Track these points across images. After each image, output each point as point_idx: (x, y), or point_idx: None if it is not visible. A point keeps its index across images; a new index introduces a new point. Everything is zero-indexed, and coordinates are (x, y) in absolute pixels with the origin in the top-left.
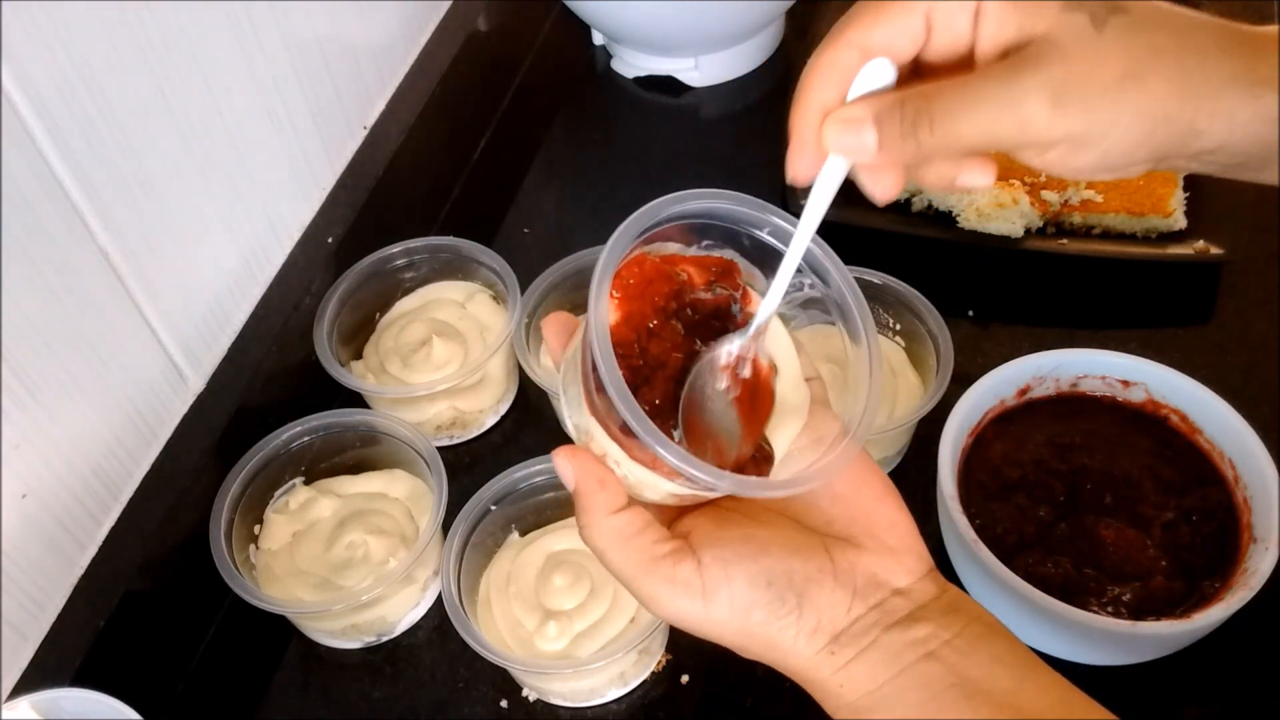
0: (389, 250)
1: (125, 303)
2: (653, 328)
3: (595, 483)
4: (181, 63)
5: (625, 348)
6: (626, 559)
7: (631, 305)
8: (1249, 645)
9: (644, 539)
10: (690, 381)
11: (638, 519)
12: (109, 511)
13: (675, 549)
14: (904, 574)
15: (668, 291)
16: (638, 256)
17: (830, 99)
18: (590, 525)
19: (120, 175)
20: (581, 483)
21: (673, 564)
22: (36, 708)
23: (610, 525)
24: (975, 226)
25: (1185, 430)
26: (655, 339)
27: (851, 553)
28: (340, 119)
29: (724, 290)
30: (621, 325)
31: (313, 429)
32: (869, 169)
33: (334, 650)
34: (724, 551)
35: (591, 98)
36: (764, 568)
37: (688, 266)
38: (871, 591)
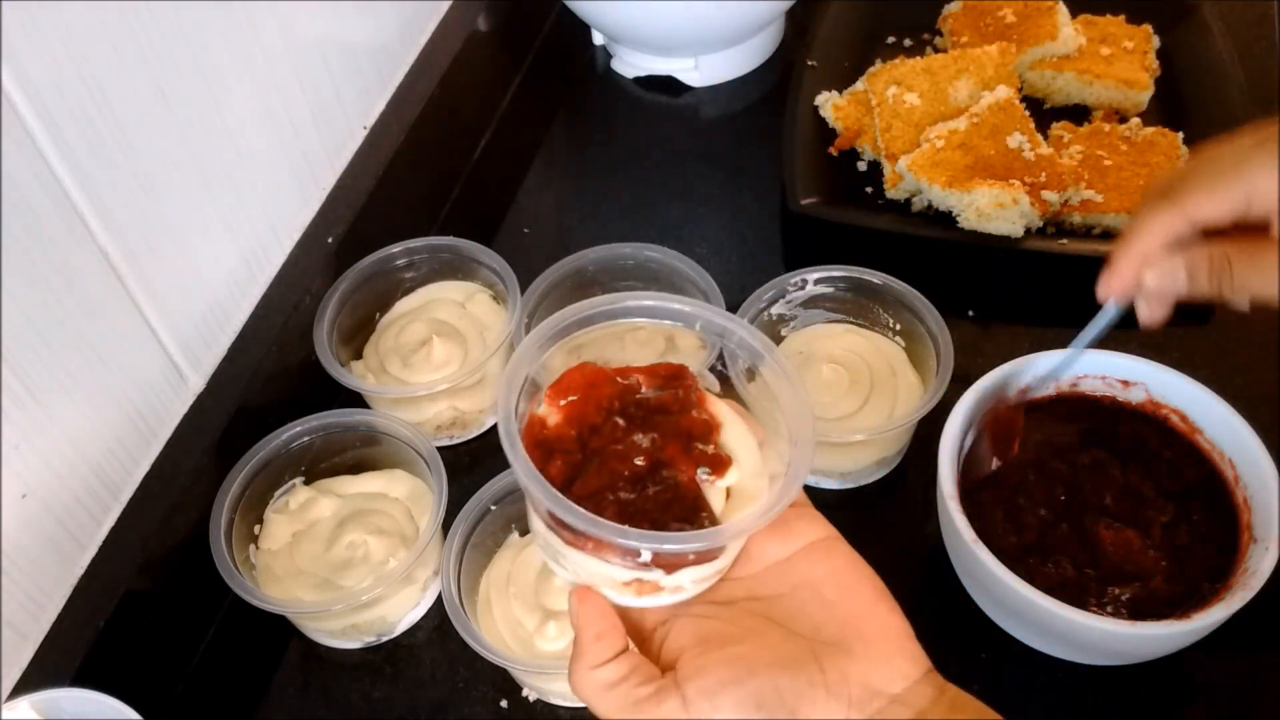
0: (389, 250)
1: (125, 303)
2: (594, 425)
3: (593, 636)
4: (181, 63)
5: (565, 443)
6: (610, 706)
7: (572, 407)
8: (1249, 645)
9: (626, 685)
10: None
11: (621, 666)
12: (109, 511)
13: (658, 689)
14: (899, 679)
15: (610, 394)
16: (579, 365)
17: (1149, 247)
18: (575, 674)
19: (120, 175)
20: (583, 632)
21: (656, 704)
22: (36, 708)
23: (594, 677)
24: (975, 226)
25: (1185, 430)
26: (596, 435)
27: (843, 659)
28: (340, 119)
29: (672, 387)
30: (562, 424)
31: (313, 429)
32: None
33: (334, 650)
34: (707, 681)
35: (591, 98)
36: (751, 690)
37: (638, 374)
38: (868, 701)
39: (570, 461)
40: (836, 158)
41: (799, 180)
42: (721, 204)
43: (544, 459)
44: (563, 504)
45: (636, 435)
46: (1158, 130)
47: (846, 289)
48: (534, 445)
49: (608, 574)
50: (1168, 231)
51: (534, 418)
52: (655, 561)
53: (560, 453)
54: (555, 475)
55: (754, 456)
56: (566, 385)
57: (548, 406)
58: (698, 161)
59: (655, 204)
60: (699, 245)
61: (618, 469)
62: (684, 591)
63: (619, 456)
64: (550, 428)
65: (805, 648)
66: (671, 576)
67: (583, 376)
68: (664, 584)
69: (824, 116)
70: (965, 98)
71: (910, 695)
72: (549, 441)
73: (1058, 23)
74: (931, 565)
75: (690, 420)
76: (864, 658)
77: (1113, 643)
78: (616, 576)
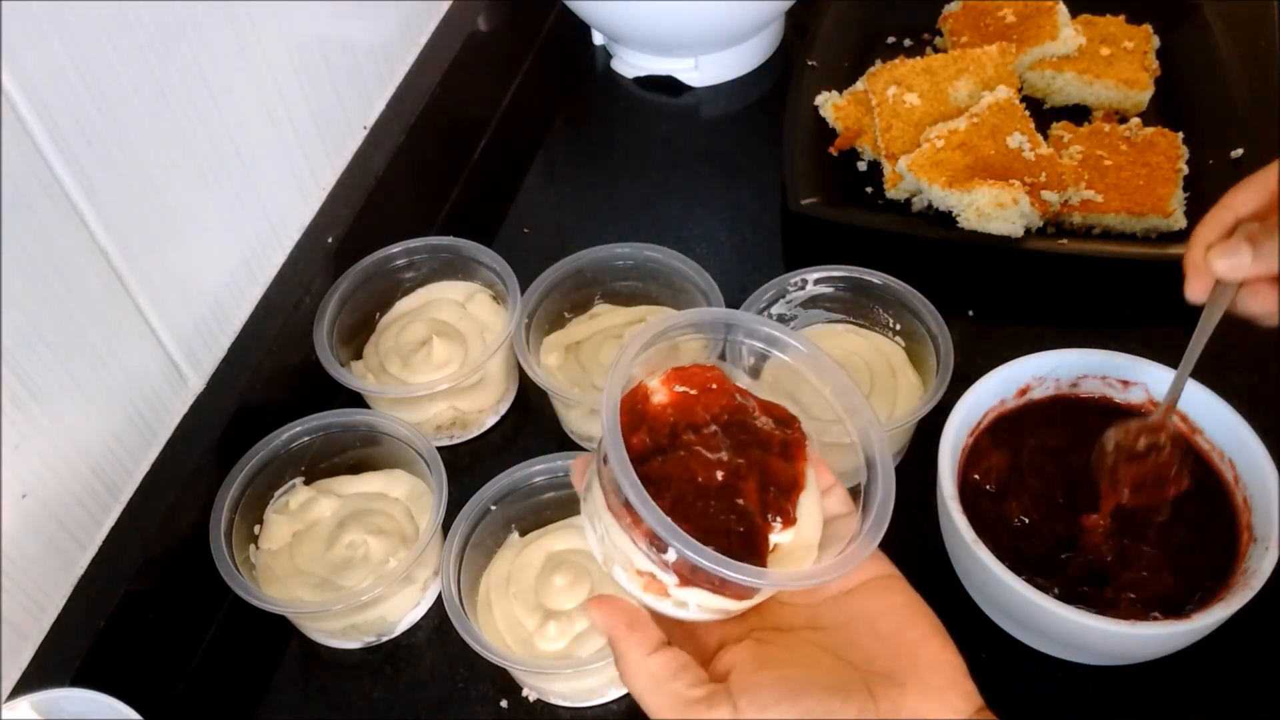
0: (389, 250)
1: (125, 303)
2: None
3: (625, 627)
4: (181, 63)
5: (659, 424)
6: (662, 703)
7: (682, 397)
8: (1249, 645)
9: (678, 683)
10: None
11: (674, 661)
12: (109, 511)
13: (710, 693)
14: (949, 712)
15: (722, 404)
16: (709, 366)
17: (1212, 239)
18: (627, 668)
19: (120, 175)
20: (614, 628)
21: (707, 708)
22: (36, 708)
23: (647, 667)
24: (975, 226)
25: (1185, 430)
26: (691, 432)
27: (895, 691)
28: (340, 119)
29: (780, 430)
30: (665, 407)
31: (313, 429)
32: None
33: (334, 650)
34: (760, 696)
35: (591, 98)
36: (803, 710)
37: (755, 401)
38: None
39: (655, 442)
40: (836, 158)
41: (799, 180)
42: (721, 204)
43: (631, 427)
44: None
45: (725, 454)
46: (1158, 130)
47: (846, 289)
48: (628, 409)
49: (628, 554)
50: (1219, 222)
51: (641, 386)
52: (676, 567)
53: (649, 429)
54: (634, 445)
55: (814, 532)
56: (687, 375)
57: (660, 384)
58: (698, 161)
59: (655, 204)
60: (699, 245)
61: (694, 472)
62: (685, 610)
63: (701, 462)
64: (652, 404)
65: (858, 677)
66: (682, 590)
67: (704, 376)
68: (671, 593)
69: (824, 116)
70: (965, 98)
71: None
72: (644, 415)
73: (1058, 23)
74: (931, 565)
75: (780, 467)
76: (916, 690)
77: (1113, 643)
78: (634, 560)
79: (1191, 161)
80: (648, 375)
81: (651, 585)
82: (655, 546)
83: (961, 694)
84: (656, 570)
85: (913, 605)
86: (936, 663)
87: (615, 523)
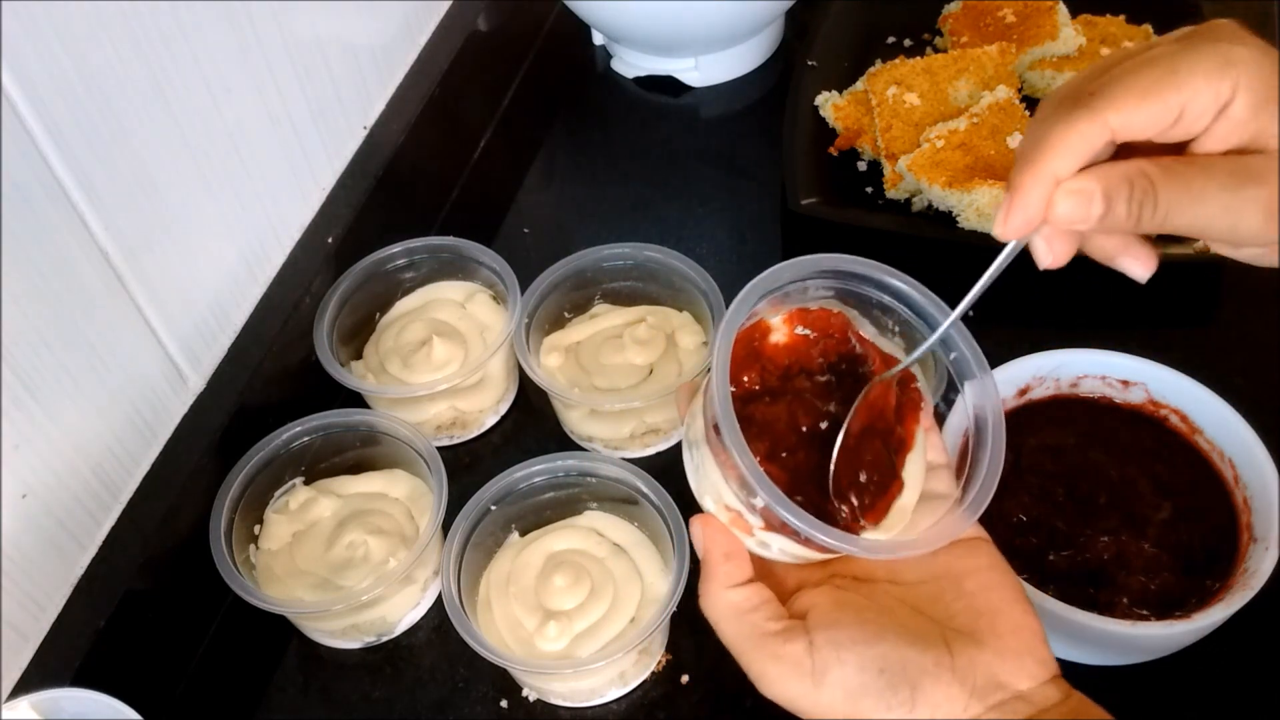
0: (389, 250)
1: (125, 303)
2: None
3: (721, 555)
4: (181, 63)
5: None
6: (739, 632)
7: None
8: (1249, 645)
9: (758, 615)
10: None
11: (755, 595)
12: (109, 511)
13: (787, 627)
14: (1026, 677)
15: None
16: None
17: (1065, 170)
18: (708, 595)
19: (120, 175)
20: (710, 553)
21: (783, 641)
22: (36, 708)
23: (727, 599)
24: (975, 226)
25: (1185, 430)
26: (804, 378)
27: (972, 649)
28: (340, 119)
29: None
30: (783, 347)
31: (313, 429)
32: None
33: (334, 650)
34: (838, 634)
35: (591, 98)
36: (878, 654)
37: (877, 355)
38: (991, 692)
39: (765, 383)
40: (836, 158)
41: (799, 180)
42: (721, 204)
43: (743, 364)
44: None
45: (834, 405)
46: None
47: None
48: (744, 344)
49: (719, 488)
50: (1086, 148)
51: (762, 323)
52: (763, 513)
53: (761, 369)
54: (743, 384)
55: (914, 496)
56: (810, 318)
57: (781, 322)
58: (698, 161)
59: (655, 204)
60: (699, 245)
61: (800, 420)
62: (768, 550)
63: (809, 409)
64: (769, 342)
65: (937, 631)
66: (767, 534)
67: (828, 321)
68: (756, 534)
69: (824, 116)
70: (965, 98)
71: (1034, 694)
72: (759, 353)
73: (1058, 23)
74: None
75: (888, 426)
76: (993, 650)
77: (1113, 642)
78: (724, 497)
79: None
80: (771, 311)
81: (738, 522)
82: (745, 490)
83: (1038, 660)
84: (744, 511)
85: (998, 568)
86: (1017, 626)
87: (711, 456)
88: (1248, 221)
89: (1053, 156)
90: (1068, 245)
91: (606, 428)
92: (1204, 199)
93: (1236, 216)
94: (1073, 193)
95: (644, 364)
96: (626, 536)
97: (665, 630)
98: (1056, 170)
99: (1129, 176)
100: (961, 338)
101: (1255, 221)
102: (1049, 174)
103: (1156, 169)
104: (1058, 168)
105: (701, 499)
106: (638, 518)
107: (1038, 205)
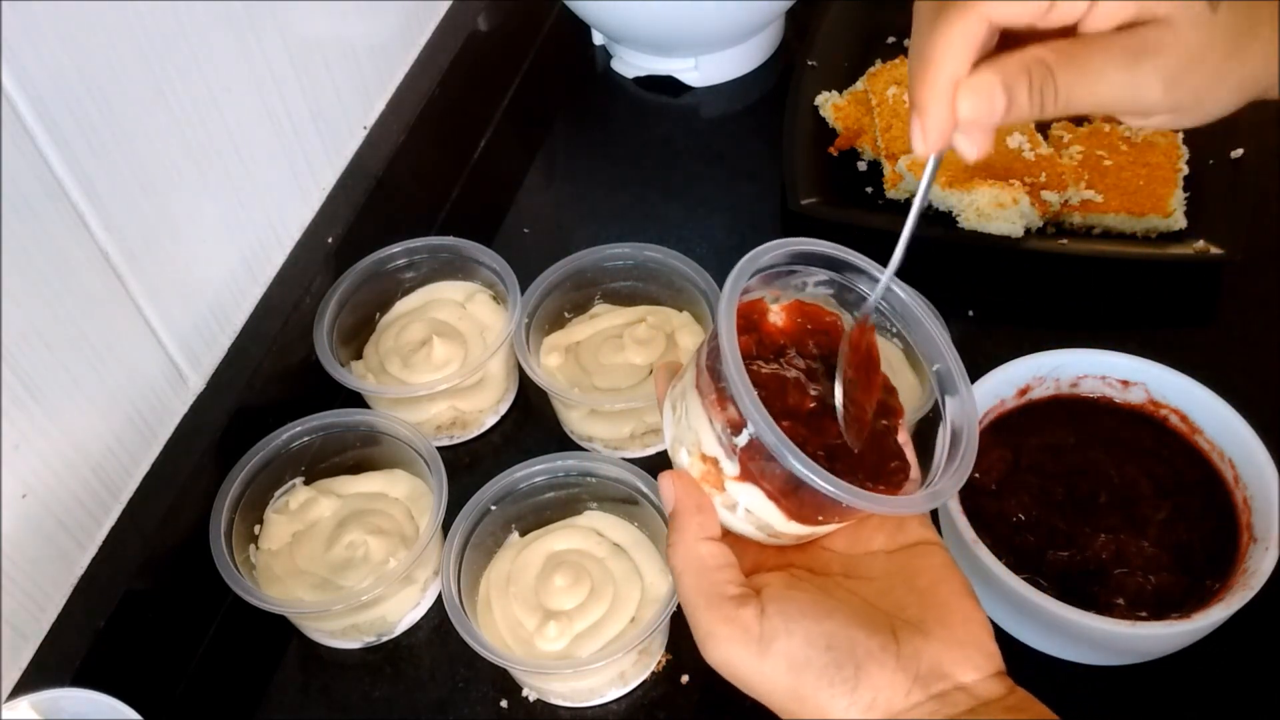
0: (389, 250)
1: (125, 303)
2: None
3: (693, 506)
4: (181, 63)
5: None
6: (698, 587)
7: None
8: (1249, 645)
9: (720, 575)
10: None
11: (721, 555)
12: (109, 511)
13: (744, 592)
14: (970, 669)
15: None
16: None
17: (959, 70)
18: (677, 545)
19: (120, 175)
20: (682, 503)
21: (736, 605)
22: (36, 708)
23: (695, 551)
24: (975, 226)
25: (1185, 430)
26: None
27: (919, 639)
28: (340, 119)
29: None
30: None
31: (313, 429)
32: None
33: (334, 650)
34: (789, 606)
35: (591, 98)
36: (826, 630)
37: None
38: (934, 681)
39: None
40: (836, 158)
41: (799, 180)
42: (721, 204)
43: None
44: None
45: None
46: (1157, 130)
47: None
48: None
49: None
50: (970, 44)
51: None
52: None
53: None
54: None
55: None
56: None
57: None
58: (698, 161)
59: (655, 204)
60: (699, 245)
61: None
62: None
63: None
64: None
65: (885, 620)
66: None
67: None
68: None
69: (824, 116)
70: None
71: (977, 687)
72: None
73: None
74: None
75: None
76: (940, 641)
77: (1112, 642)
78: (704, 443)
79: (1191, 161)
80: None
81: (710, 475)
82: (730, 427)
83: (985, 654)
84: (722, 456)
85: (950, 567)
86: (965, 619)
87: (698, 400)
88: (1149, 93)
89: (942, 62)
90: (987, 135)
91: (606, 428)
92: (1103, 77)
93: (1137, 90)
94: (973, 91)
95: (644, 364)
96: (626, 536)
97: (665, 630)
98: (951, 74)
99: (1025, 65)
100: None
101: (1156, 92)
102: (945, 80)
103: (1052, 54)
104: (951, 71)
105: (676, 455)
106: (638, 518)
107: (944, 113)
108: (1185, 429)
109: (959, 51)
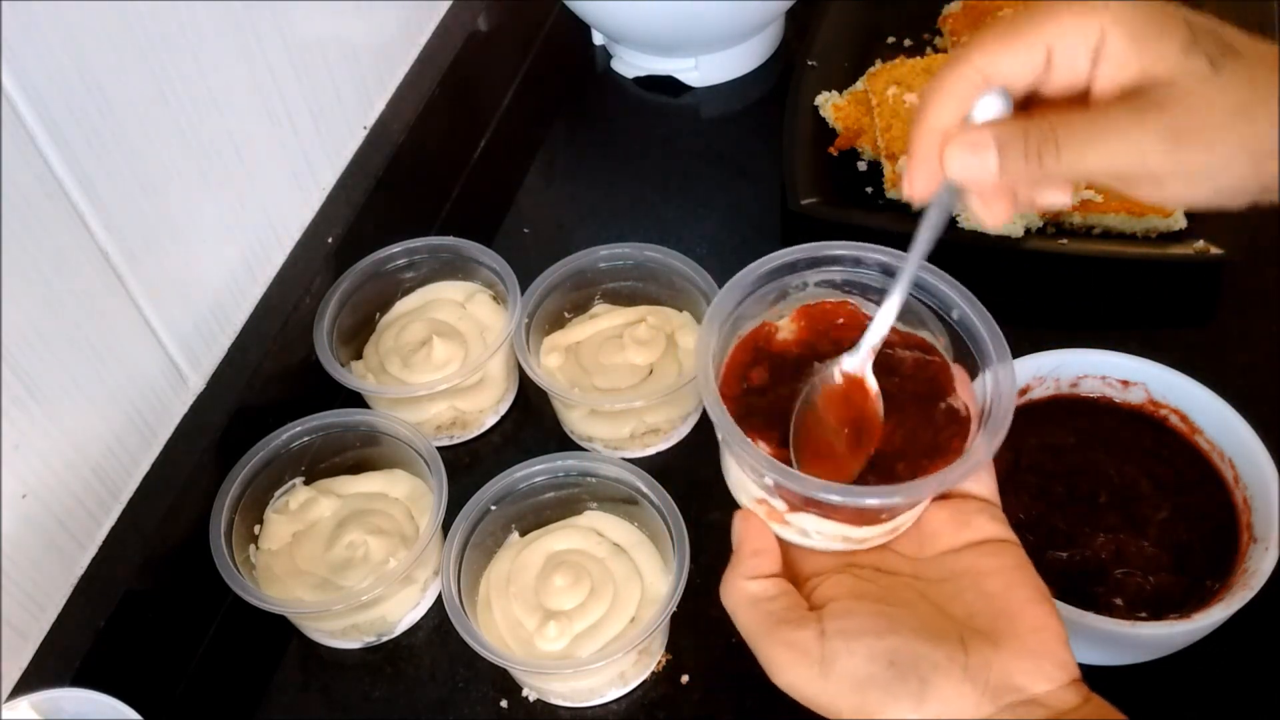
0: (389, 250)
1: (125, 303)
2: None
3: (750, 550)
4: (181, 63)
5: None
6: (752, 619)
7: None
8: (1249, 645)
9: (772, 605)
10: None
11: (774, 588)
12: (109, 511)
13: (800, 616)
14: (1043, 680)
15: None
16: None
17: (949, 122)
18: (726, 583)
19: (120, 175)
20: (741, 546)
21: (794, 628)
22: (36, 708)
23: (745, 588)
24: (975, 226)
25: (1185, 430)
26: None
27: (988, 648)
28: (340, 119)
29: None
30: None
31: (313, 429)
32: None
33: (334, 650)
34: (849, 623)
35: (591, 98)
36: (889, 646)
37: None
38: (1004, 693)
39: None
40: (836, 158)
41: (799, 180)
42: (721, 204)
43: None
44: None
45: None
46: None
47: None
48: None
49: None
50: (961, 95)
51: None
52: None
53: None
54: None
55: None
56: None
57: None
58: (698, 161)
59: (655, 204)
60: (699, 245)
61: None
62: (807, 537)
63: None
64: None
65: (953, 628)
66: (795, 514)
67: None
68: (788, 518)
69: (824, 116)
70: None
71: (1050, 698)
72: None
73: None
74: None
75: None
76: (1011, 651)
77: (1112, 642)
78: (750, 488)
79: None
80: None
81: (770, 513)
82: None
83: (1058, 663)
84: (767, 496)
85: (1023, 569)
86: (1036, 627)
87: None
88: (1152, 151)
89: (933, 109)
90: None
91: (606, 428)
92: (1106, 134)
93: (1140, 145)
94: (965, 145)
95: (644, 364)
96: (626, 536)
97: (665, 630)
98: (939, 122)
99: (1024, 126)
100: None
101: (1159, 150)
102: (934, 128)
103: (1055, 116)
104: (939, 120)
105: (739, 498)
106: (638, 518)
107: (931, 161)
108: (1185, 429)
109: (947, 102)
